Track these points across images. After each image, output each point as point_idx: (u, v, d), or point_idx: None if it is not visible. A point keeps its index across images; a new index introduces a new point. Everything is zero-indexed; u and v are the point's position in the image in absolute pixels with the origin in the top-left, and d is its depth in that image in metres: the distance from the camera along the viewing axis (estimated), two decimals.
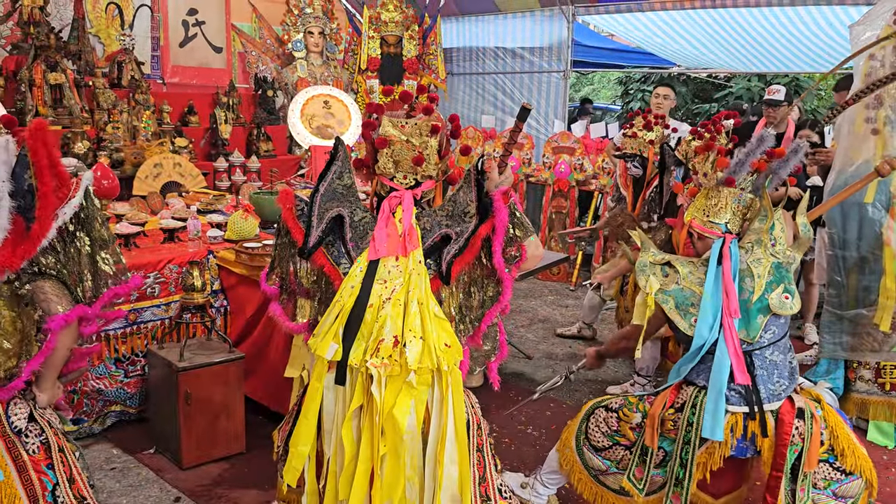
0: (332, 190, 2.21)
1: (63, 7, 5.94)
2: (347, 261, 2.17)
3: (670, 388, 2.67)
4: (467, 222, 2.16)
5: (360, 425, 2.10)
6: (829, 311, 4.05)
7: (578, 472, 2.83)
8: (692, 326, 2.56)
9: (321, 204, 2.18)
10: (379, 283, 2.11)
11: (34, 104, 5.19)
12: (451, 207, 2.20)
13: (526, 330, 5.52)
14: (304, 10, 7.41)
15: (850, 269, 3.97)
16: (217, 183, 5.70)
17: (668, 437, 2.64)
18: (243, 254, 3.68)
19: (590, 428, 2.79)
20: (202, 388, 3.31)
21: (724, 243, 2.63)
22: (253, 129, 6.64)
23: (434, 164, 2.25)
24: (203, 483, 3.24)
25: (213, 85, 6.73)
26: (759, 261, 2.62)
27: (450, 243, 2.15)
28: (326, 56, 7.56)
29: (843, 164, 3.98)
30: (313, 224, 2.16)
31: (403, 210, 2.19)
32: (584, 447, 2.80)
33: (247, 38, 7.37)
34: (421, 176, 2.24)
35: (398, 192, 2.22)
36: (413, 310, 2.08)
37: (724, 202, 2.67)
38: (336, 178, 2.23)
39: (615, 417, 2.75)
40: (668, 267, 2.70)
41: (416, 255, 2.14)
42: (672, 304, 2.61)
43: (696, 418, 2.56)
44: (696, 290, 2.61)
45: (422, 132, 2.21)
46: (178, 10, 6.86)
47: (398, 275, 2.12)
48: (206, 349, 3.45)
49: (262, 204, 4.30)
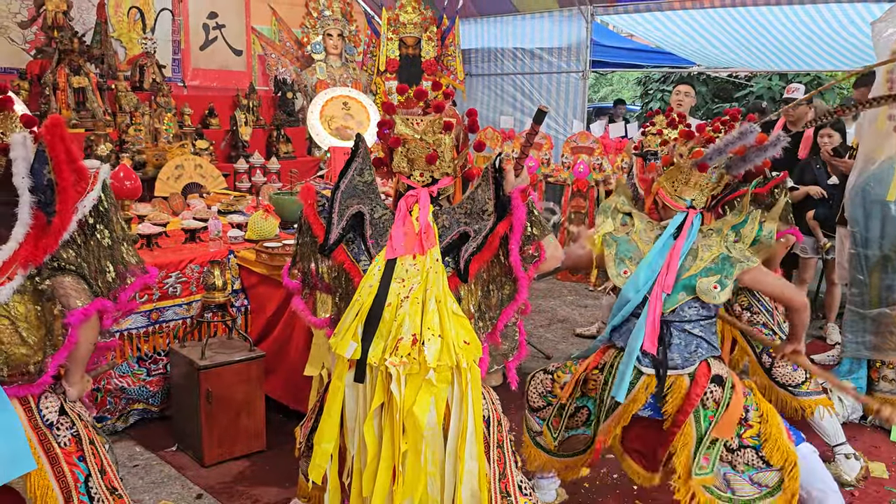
0: (353, 187, 2.22)
1: (86, 12, 6.03)
2: (367, 258, 2.18)
3: (598, 350, 2.77)
4: (485, 220, 2.15)
5: (382, 423, 2.11)
6: (852, 311, 4.01)
7: (526, 441, 2.94)
8: (619, 276, 2.67)
9: (342, 201, 2.18)
10: (397, 282, 2.11)
11: (58, 107, 5.27)
12: (470, 205, 2.20)
13: (545, 330, 5.51)
14: (323, 12, 7.47)
15: (873, 267, 3.92)
16: (237, 184, 5.75)
17: (591, 397, 2.76)
18: (263, 253, 3.71)
19: (529, 390, 2.91)
20: (223, 387, 3.34)
21: (687, 218, 2.70)
22: (273, 131, 6.69)
23: (449, 160, 2.26)
24: (224, 480, 3.27)
25: (234, 87, 6.80)
26: (709, 247, 2.67)
27: (468, 241, 2.15)
28: (345, 58, 7.60)
29: (866, 163, 3.94)
30: (334, 221, 2.17)
31: (420, 208, 2.20)
32: (527, 412, 2.92)
33: (266, 40, 7.44)
34: (437, 173, 2.25)
35: (414, 190, 2.24)
36: (431, 308, 2.08)
37: (693, 182, 2.75)
38: (356, 175, 2.23)
39: (550, 379, 2.87)
40: (629, 217, 2.82)
41: (433, 253, 2.14)
42: (614, 249, 2.72)
43: (612, 378, 2.65)
44: (641, 247, 2.70)
45: (435, 129, 2.22)
46: (199, 14, 6.94)
47: (416, 273, 2.12)
48: (227, 348, 3.48)
49: (282, 204, 4.34)
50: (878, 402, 3.89)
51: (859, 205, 3.93)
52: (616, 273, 2.68)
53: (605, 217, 2.82)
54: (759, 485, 2.60)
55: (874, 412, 3.49)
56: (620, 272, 2.67)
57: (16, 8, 5.73)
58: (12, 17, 5.71)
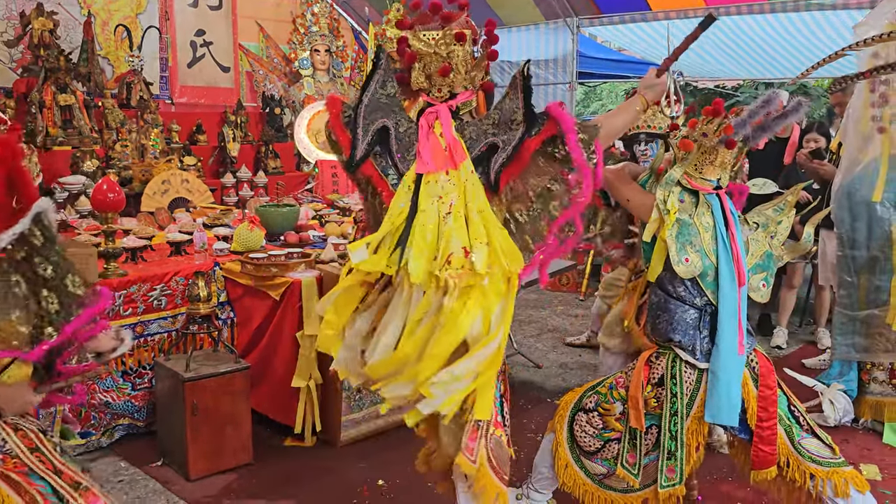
0: (376, 100, 2.16)
1: (73, 30, 6.03)
2: (395, 172, 2.14)
3: (641, 367, 2.62)
4: (514, 130, 2.10)
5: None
6: (841, 313, 4.00)
7: (583, 485, 2.74)
8: (681, 264, 2.51)
9: (366, 115, 2.12)
10: (435, 200, 2.07)
11: (44, 125, 5.25)
12: (498, 115, 2.15)
13: (535, 340, 5.49)
14: (310, 28, 7.48)
15: (861, 269, 3.93)
16: (224, 198, 5.73)
17: (654, 415, 2.60)
18: (249, 264, 3.69)
19: (577, 436, 2.72)
20: (209, 399, 3.30)
21: (722, 201, 2.58)
22: (261, 147, 6.68)
23: (465, 73, 2.21)
24: (210, 494, 3.23)
25: (222, 104, 6.80)
26: (757, 241, 2.62)
27: (497, 152, 2.10)
28: (333, 73, 7.61)
29: (851, 164, 3.96)
30: (359, 136, 2.11)
31: (441, 124, 2.14)
32: (581, 457, 2.73)
33: (254, 57, 7.45)
34: (456, 87, 2.20)
35: (433, 106, 2.18)
36: (475, 219, 2.05)
37: (719, 161, 2.59)
38: (379, 88, 2.17)
39: (597, 415, 2.69)
40: (687, 194, 2.60)
41: (466, 166, 2.10)
42: (675, 231, 2.53)
43: (678, 388, 2.54)
44: (702, 233, 2.54)
45: (447, 41, 2.16)
46: (186, 31, 6.95)
47: (452, 188, 2.08)
48: (213, 360, 3.45)
49: (268, 216, 4.33)
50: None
51: (845, 206, 3.94)
52: (678, 260, 2.51)
53: (668, 192, 2.57)
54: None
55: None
56: (682, 259, 2.51)
57: (2, 27, 5.73)
58: None
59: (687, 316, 2.55)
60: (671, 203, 2.54)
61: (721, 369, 2.49)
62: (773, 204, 2.75)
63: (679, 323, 2.56)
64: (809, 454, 2.56)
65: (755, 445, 2.56)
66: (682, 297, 2.57)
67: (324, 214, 4.97)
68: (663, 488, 2.57)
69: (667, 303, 2.59)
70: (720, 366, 2.50)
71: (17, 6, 5.67)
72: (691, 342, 2.55)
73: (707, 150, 2.59)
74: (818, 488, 2.53)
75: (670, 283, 2.58)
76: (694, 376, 2.56)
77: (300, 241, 4.24)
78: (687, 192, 2.59)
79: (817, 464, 2.55)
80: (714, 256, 2.53)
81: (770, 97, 2.51)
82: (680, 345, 2.57)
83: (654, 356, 2.63)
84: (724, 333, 2.50)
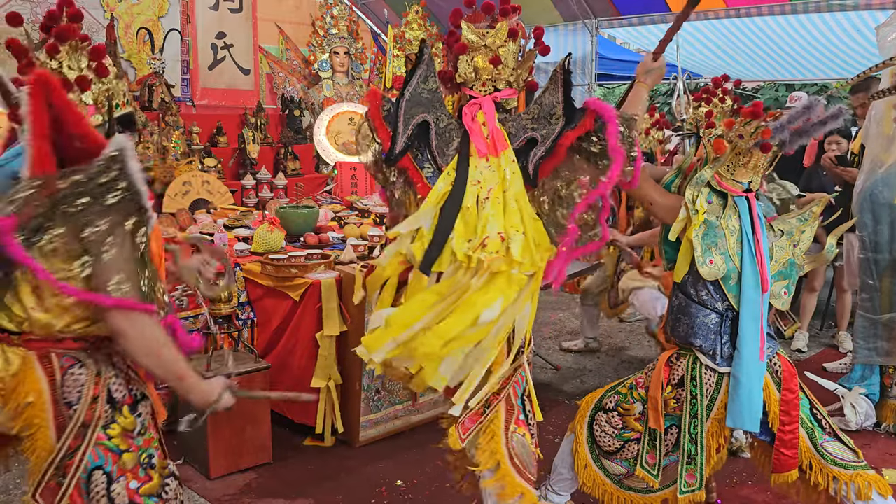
0: (418, 94, 2.21)
1: (95, 33, 6.10)
2: (432, 166, 2.19)
3: (661, 367, 2.61)
4: (553, 124, 2.14)
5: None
6: (863, 317, 3.97)
7: (602, 485, 2.75)
8: (705, 265, 2.49)
9: (407, 109, 2.17)
10: (474, 185, 2.12)
11: None
12: (537, 110, 2.20)
13: (553, 342, 5.48)
14: (329, 31, 7.52)
15: (883, 272, 3.89)
16: (245, 200, 5.78)
17: (673, 416, 2.59)
18: (269, 265, 3.72)
19: (597, 436, 2.72)
20: None
21: (751, 205, 2.55)
22: (280, 149, 6.73)
23: (511, 68, 2.26)
24: (230, 493, 3.26)
25: (242, 106, 6.85)
26: (781, 248, 2.60)
27: (536, 146, 2.15)
28: (352, 75, 7.65)
29: (873, 167, 3.92)
30: (399, 129, 2.16)
31: (485, 114, 2.19)
32: (601, 457, 2.73)
33: (274, 59, 7.50)
34: (500, 83, 2.25)
35: (477, 98, 2.23)
36: (512, 206, 2.10)
37: (753, 164, 2.54)
38: (421, 83, 2.23)
39: (616, 415, 2.70)
40: (715, 195, 2.57)
41: (507, 155, 2.15)
42: (702, 232, 2.50)
43: (698, 390, 2.53)
44: (728, 236, 2.51)
45: (500, 35, 2.22)
46: (207, 34, 7.01)
47: (491, 175, 2.12)
48: (233, 360, 3.47)
49: (288, 217, 4.35)
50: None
51: (868, 209, 3.90)
52: (703, 261, 2.49)
53: (697, 192, 2.53)
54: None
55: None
56: (707, 261, 2.50)
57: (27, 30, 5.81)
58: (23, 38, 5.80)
59: (708, 321, 2.53)
60: (700, 203, 2.51)
61: (743, 374, 2.47)
62: (798, 213, 2.71)
63: (700, 328, 2.54)
64: (832, 457, 2.54)
65: (776, 449, 2.54)
66: (703, 300, 2.54)
67: (343, 216, 5.00)
68: (683, 494, 2.56)
69: (688, 306, 2.57)
70: (742, 371, 2.48)
71: (42, 10, 5.75)
72: (712, 347, 2.54)
73: (741, 152, 2.55)
74: (841, 492, 2.50)
75: (693, 286, 2.56)
76: (714, 378, 2.55)
77: (319, 242, 4.26)
78: (715, 194, 2.56)
79: (840, 467, 2.52)
80: (738, 260, 2.51)
81: (811, 103, 2.45)
82: (701, 349, 2.55)
83: (674, 357, 2.62)
84: (746, 339, 2.48)
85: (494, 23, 2.27)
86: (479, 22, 2.29)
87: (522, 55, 2.29)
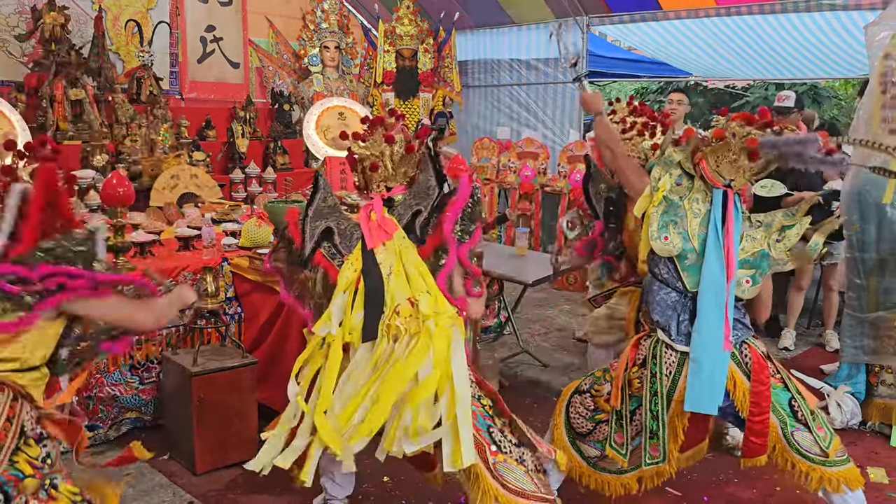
0: (319, 211, 2.64)
1: (84, 25, 6.05)
2: (340, 257, 2.60)
3: (629, 347, 2.69)
4: (431, 195, 2.56)
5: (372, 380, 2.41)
6: (850, 315, 3.99)
7: (578, 466, 2.81)
8: (658, 240, 2.57)
9: (311, 223, 2.62)
10: (377, 267, 2.52)
11: (55, 119, 5.28)
12: (416, 188, 2.63)
13: (542, 339, 5.48)
14: (320, 25, 7.49)
15: (870, 271, 3.91)
16: (233, 194, 5.75)
17: (639, 396, 2.65)
18: (257, 260, 3.70)
19: (571, 418, 2.81)
20: (215, 393, 3.31)
21: (728, 198, 2.57)
22: (270, 143, 6.70)
23: (393, 169, 2.64)
24: (216, 488, 3.24)
25: (231, 100, 6.81)
26: (753, 238, 2.61)
27: (419, 215, 2.57)
28: (342, 70, 7.62)
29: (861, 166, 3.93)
30: (306, 239, 2.61)
31: (374, 209, 2.61)
32: (576, 440, 2.80)
33: (264, 53, 7.47)
34: (390, 183, 2.66)
35: (372, 199, 2.64)
36: (413, 273, 2.50)
37: (738, 166, 2.57)
38: (321, 203, 2.65)
39: (589, 397, 2.77)
40: (685, 178, 2.62)
41: (399, 234, 2.57)
42: (662, 209, 2.58)
43: (658, 368, 2.58)
44: (689, 217, 2.57)
45: (377, 141, 2.63)
46: (197, 27, 6.97)
47: (389, 255, 2.53)
48: (220, 355, 3.46)
49: (277, 212, 4.32)
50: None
51: (855, 208, 3.92)
52: (657, 236, 2.55)
53: (665, 171, 2.61)
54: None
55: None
56: (661, 236, 2.55)
57: (14, 21, 5.76)
58: (10, 30, 5.74)
59: (668, 298, 2.60)
60: (663, 182, 2.60)
61: (704, 357, 2.50)
62: (786, 211, 2.73)
63: (659, 304, 2.62)
64: (798, 446, 2.59)
65: (746, 437, 2.60)
66: (665, 279, 2.62)
67: None
68: (647, 465, 2.65)
69: (651, 283, 2.67)
70: (702, 353, 2.50)
71: (29, 0, 5.70)
72: (667, 322, 2.59)
73: (732, 151, 2.57)
74: (799, 479, 2.60)
75: (655, 264, 2.64)
76: (674, 358, 2.58)
77: None
78: (686, 177, 2.62)
79: (802, 457, 2.58)
80: (697, 241, 2.55)
81: (809, 140, 2.44)
82: (658, 324, 2.62)
83: (643, 338, 2.68)
84: (706, 321, 2.50)
85: (376, 129, 2.66)
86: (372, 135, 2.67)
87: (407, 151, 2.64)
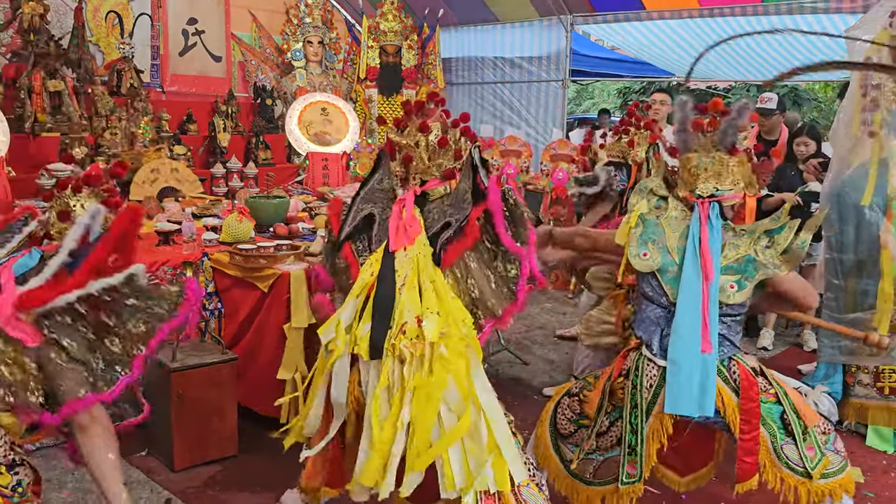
0: (371, 192, 2.46)
1: (63, 15, 5.98)
2: (369, 255, 2.38)
3: (618, 357, 2.70)
4: (465, 208, 2.29)
5: (388, 403, 2.18)
6: (828, 316, 4.02)
7: (554, 467, 2.81)
8: (638, 258, 2.59)
9: (358, 205, 2.43)
10: (393, 274, 2.27)
11: (33, 111, 5.21)
12: (454, 196, 2.38)
13: (523, 336, 5.49)
14: (303, 19, 7.46)
15: (848, 272, 3.94)
16: (214, 189, 5.71)
17: (619, 407, 2.64)
18: (237, 255, 3.67)
19: (557, 418, 2.81)
20: (194, 389, 3.28)
21: (702, 211, 2.60)
22: (252, 138, 6.66)
23: (426, 161, 2.43)
24: (194, 485, 3.21)
25: (213, 93, 6.76)
26: (736, 246, 2.60)
27: (448, 228, 2.30)
28: (325, 65, 7.59)
29: (840, 168, 3.97)
30: (347, 220, 2.42)
31: (405, 206, 2.38)
32: (557, 440, 2.81)
33: (246, 47, 7.42)
34: (426, 175, 2.44)
35: (407, 193, 2.42)
36: (427, 287, 2.23)
37: (688, 171, 2.67)
38: (376, 184, 2.47)
39: (577, 401, 2.77)
40: (663, 201, 2.71)
41: (421, 240, 2.31)
42: (640, 230, 2.63)
43: (639, 381, 2.57)
44: (668, 233, 2.61)
45: (413, 132, 2.43)
46: (178, 20, 6.91)
47: (407, 263, 2.28)
48: (199, 350, 3.43)
49: (259, 207, 4.31)
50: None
51: (834, 209, 3.95)
52: (636, 253, 2.59)
53: (641, 198, 2.72)
54: (838, 452, 2.69)
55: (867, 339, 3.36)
56: (640, 253, 2.59)
57: None
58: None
59: (652, 314, 2.61)
60: (640, 205, 2.68)
61: (682, 358, 2.49)
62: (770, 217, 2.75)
63: (644, 320, 2.63)
64: (787, 460, 2.58)
65: (739, 458, 2.57)
66: (649, 296, 2.63)
67: (314, 207, 4.95)
68: (623, 484, 2.60)
69: (640, 301, 2.69)
70: (679, 354, 2.50)
71: None
72: (650, 338, 2.60)
73: (698, 165, 2.67)
74: (788, 494, 2.58)
75: (640, 282, 2.67)
76: (656, 371, 2.58)
77: (290, 233, 4.21)
78: (663, 200, 2.70)
79: (791, 471, 2.58)
80: (677, 254, 2.58)
81: (742, 107, 2.62)
82: (641, 339, 2.63)
83: (631, 350, 2.68)
84: (682, 321, 2.51)
85: (416, 117, 2.48)
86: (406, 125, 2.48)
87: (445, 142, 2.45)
